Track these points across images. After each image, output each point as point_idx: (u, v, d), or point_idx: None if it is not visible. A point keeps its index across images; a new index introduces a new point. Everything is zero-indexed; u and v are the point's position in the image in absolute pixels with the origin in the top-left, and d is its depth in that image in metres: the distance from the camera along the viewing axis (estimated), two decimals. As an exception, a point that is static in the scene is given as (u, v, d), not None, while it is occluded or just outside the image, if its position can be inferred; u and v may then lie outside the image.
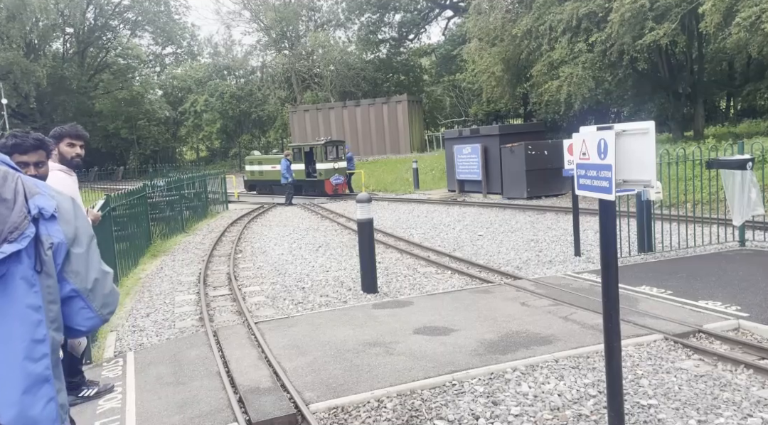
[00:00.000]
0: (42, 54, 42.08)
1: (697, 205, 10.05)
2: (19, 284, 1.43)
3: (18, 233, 1.42)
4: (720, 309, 5.27)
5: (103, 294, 1.59)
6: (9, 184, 1.46)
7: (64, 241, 1.52)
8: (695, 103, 21.52)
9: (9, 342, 1.42)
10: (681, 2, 16.40)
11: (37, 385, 1.47)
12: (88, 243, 1.58)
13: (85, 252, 1.56)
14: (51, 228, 1.49)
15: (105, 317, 1.61)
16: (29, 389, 1.45)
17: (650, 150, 2.88)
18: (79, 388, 4.24)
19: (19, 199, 1.45)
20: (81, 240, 1.56)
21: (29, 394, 1.45)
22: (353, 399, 3.95)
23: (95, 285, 1.56)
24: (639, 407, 3.66)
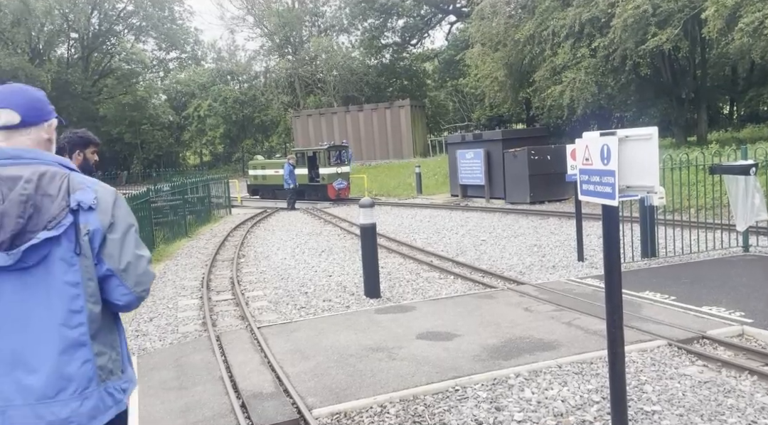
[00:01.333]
0: (47, 59, 42.30)
1: (701, 210, 10.04)
2: (59, 264, 1.71)
3: (55, 222, 1.70)
4: (724, 315, 5.26)
5: (137, 274, 1.82)
6: (56, 182, 1.76)
7: (100, 229, 1.77)
8: (698, 108, 21.51)
9: (49, 311, 1.70)
10: (684, 8, 16.42)
11: (73, 348, 1.72)
12: (124, 231, 1.82)
13: (120, 238, 1.80)
14: (89, 218, 1.75)
15: (139, 294, 1.84)
16: (65, 350, 1.71)
17: (653, 155, 2.88)
18: None
19: (61, 194, 1.74)
20: (117, 227, 1.81)
21: (65, 355, 1.71)
22: (356, 404, 3.95)
23: (128, 266, 1.80)
24: (643, 413, 3.64)
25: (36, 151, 1.84)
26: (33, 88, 1.95)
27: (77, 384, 1.73)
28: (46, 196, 1.72)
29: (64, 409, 1.71)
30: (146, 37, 49.39)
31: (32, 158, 1.81)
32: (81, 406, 1.73)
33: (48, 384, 1.69)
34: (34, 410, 1.68)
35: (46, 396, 1.69)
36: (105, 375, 1.79)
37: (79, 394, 1.73)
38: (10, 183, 1.72)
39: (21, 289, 1.70)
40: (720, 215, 8.85)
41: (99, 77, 46.58)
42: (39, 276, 1.71)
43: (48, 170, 1.78)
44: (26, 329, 1.69)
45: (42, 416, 1.68)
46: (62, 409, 1.70)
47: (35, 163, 1.79)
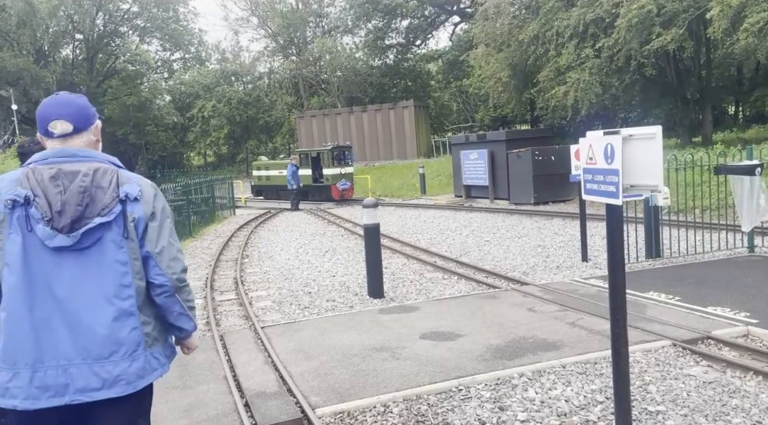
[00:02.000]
0: (52, 60, 42.48)
1: (706, 210, 10.00)
2: (110, 245, 2.02)
3: (107, 210, 2.01)
4: (729, 316, 5.24)
5: (169, 258, 2.12)
6: (107, 176, 2.06)
7: (143, 217, 2.08)
8: (703, 108, 21.43)
9: (103, 285, 2.00)
10: (688, 8, 16.36)
11: (124, 316, 2.02)
12: (161, 220, 2.13)
13: (158, 226, 2.11)
14: (134, 207, 2.06)
15: (170, 276, 2.11)
16: (118, 318, 2.01)
17: (657, 154, 2.87)
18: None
19: (112, 187, 2.05)
20: (156, 217, 2.12)
21: (118, 322, 2.01)
22: (359, 403, 3.95)
23: (162, 250, 2.10)
24: (647, 413, 3.63)
25: (89, 151, 2.15)
26: (78, 96, 2.23)
27: (127, 348, 2.02)
28: (99, 188, 2.03)
29: (116, 368, 1.99)
30: (150, 38, 49.55)
31: (87, 156, 2.12)
32: (130, 366, 2.02)
33: (102, 346, 1.98)
34: (91, 368, 1.97)
35: (101, 356, 1.98)
36: (150, 341, 2.10)
37: (129, 356, 2.02)
38: (70, 176, 2.03)
39: (79, 266, 2.00)
40: (725, 215, 8.80)
41: (104, 78, 46.74)
42: (93, 256, 2.01)
43: (101, 166, 2.09)
44: (84, 299, 1.99)
45: (97, 373, 1.97)
46: (114, 368, 1.99)
47: (90, 160, 2.10)
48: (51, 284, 1.97)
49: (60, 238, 1.96)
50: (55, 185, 2.00)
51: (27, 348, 1.96)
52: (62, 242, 1.97)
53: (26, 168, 2.07)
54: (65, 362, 1.96)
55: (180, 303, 2.16)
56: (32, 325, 1.96)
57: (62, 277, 1.98)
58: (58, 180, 2.02)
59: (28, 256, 1.97)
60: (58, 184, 2.01)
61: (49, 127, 2.11)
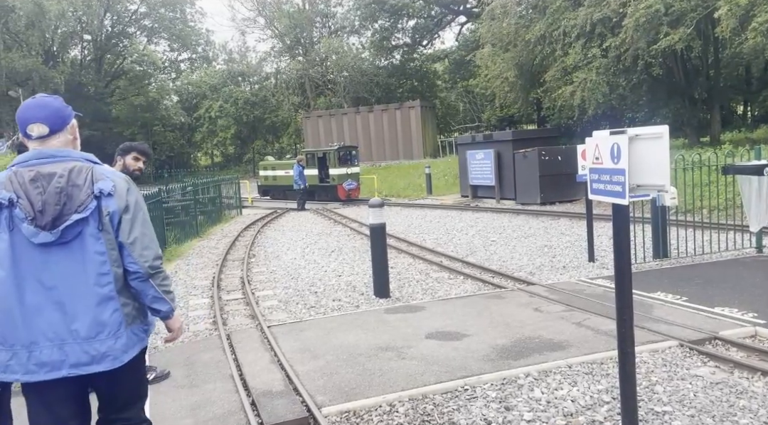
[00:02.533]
0: (60, 61, 42.77)
1: (713, 211, 9.93)
2: (89, 238, 2.24)
3: (83, 207, 2.22)
4: (736, 316, 5.21)
5: (141, 247, 2.31)
6: (82, 174, 2.26)
7: (117, 210, 2.28)
8: (711, 108, 21.31)
9: (85, 274, 2.24)
10: (696, 7, 16.27)
11: (104, 301, 2.26)
12: (134, 212, 2.32)
13: (131, 218, 2.31)
14: (108, 202, 2.27)
15: (142, 264, 2.32)
16: (99, 303, 2.26)
17: (664, 154, 2.86)
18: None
19: (86, 184, 2.25)
20: (129, 209, 2.31)
21: (100, 306, 2.26)
22: (365, 403, 3.96)
23: (134, 240, 2.30)
24: (653, 414, 3.62)
25: (66, 150, 2.33)
26: (53, 97, 2.38)
27: (110, 328, 2.28)
28: (75, 186, 2.24)
29: (102, 346, 2.27)
30: (158, 39, 49.79)
31: (64, 156, 2.30)
32: (115, 344, 2.29)
33: (89, 328, 2.25)
34: (82, 347, 2.24)
35: (89, 336, 2.25)
36: (131, 320, 2.35)
37: (113, 335, 2.29)
38: (48, 178, 2.23)
39: (64, 259, 2.23)
40: (733, 216, 8.76)
41: (112, 79, 47.02)
42: (75, 248, 2.24)
43: (76, 165, 2.28)
44: (70, 288, 2.23)
45: (87, 351, 2.25)
46: (101, 346, 2.27)
47: (66, 160, 2.29)
48: (39, 275, 2.22)
49: (43, 235, 2.19)
50: (35, 187, 2.21)
51: (21, 332, 2.21)
52: (46, 238, 2.19)
53: (9, 171, 2.26)
54: (59, 341, 2.22)
55: (154, 288, 2.37)
56: (23, 312, 2.21)
57: (49, 269, 2.22)
58: (38, 182, 2.22)
59: (16, 252, 2.20)
60: (38, 186, 2.21)
61: (27, 129, 2.30)
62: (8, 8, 36.78)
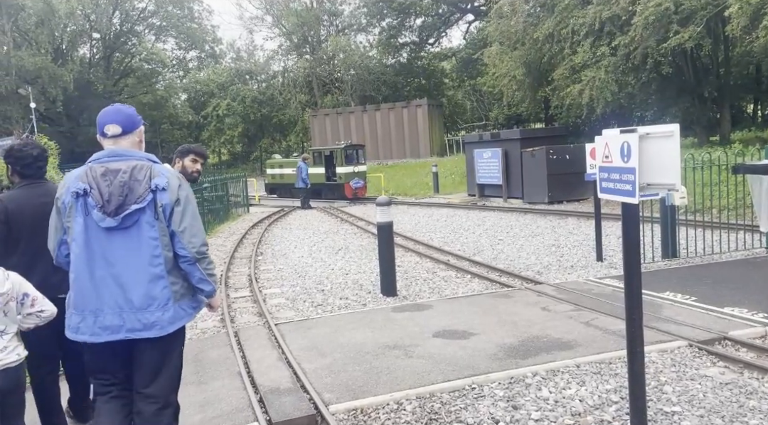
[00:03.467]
0: (69, 59, 42.98)
1: (723, 210, 9.86)
2: (145, 225, 2.66)
3: (141, 198, 2.64)
4: (746, 316, 5.17)
5: (190, 235, 2.72)
6: (142, 171, 2.69)
7: (169, 203, 2.69)
8: (721, 107, 21.13)
9: (141, 255, 2.65)
10: (706, 5, 16.13)
11: (155, 279, 2.67)
12: (184, 205, 2.73)
13: (182, 210, 2.71)
14: (162, 196, 2.68)
15: (190, 250, 2.71)
16: (151, 280, 2.67)
17: (675, 153, 2.85)
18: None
19: (145, 180, 2.66)
20: (180, 203, 2.71)
21: (152, 283, 2.67)
22: (372, 401, 3.96)
23: (184, 229, 2.70)
24: (662, 414, 3.60)
25: (132, 151, 2.77)
26: (127, 106, 2.86)
27: (159, 302, 2.67)
28: (136, 181, 2.66)
29: (152, 316, 2.66)
30: (166, 37, 49.96)
31: (130, 155, 2.74)
32: (163, 315, 2.68)
33: (142, 300, 2.65)
34: (135, 315, 2.64)
35: (141, 308, 2.65)
36: (178, 297, 2.73)
37: (161, 308, 2.68)
38: (114, 173, 2.66)
39: (124, 241, 2.65)
40: (743, 215, 8.69)
41: (120, 77, 47.23)
42: (133, 233, 2.65)
43: (138, 163, 2.71)
44: (128, 266, 2.65)
45: (140, 319, 2.64)
46: (151, 316, 2.66)
47: (131, 159, 2.72)
48: (105, 254, 2.65)
49: (108, 220, 2.62)
50: (104, 180, 2.64)
51: (91, 300, 2.65)
52: (110, 223, 2.63)
53: (86, 166, 2.72)
54: (119, 309, 2.63)
55: (200, 271, 2.76)
56: (93, 283, 2.64)
57: (112, 249, 2.64)
58: (107, 176, 2.65)
59: (88, 233, 2.64)
60: (107, 179, 2.65)
61: (104, 129, 2.76)
62: (18, 7, 37.01)
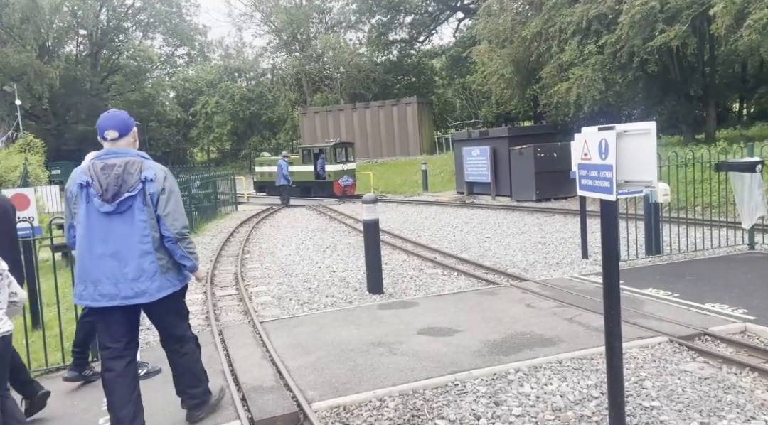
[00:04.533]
0: (55, 56, 42.54)
1: (707, 207, 9.97)
2: (136, 210, 3.25)
3: (132, 188, 3.22)
4: (727, 312, 5.24)
5: (173, 219, 3.30)
6: (134, 166, 3.29)
7: (156, 192, 3.27)
8: (707, 105, 21.32)
9: (132, 235, 3.23)
10: (692, 4, 16.26)
11: (145, 255, 3.26)
12: (168, 194, 3.31)
13: (166, 198, 3.30)
14: (150, 186, 3.26)
15: (172, 231, 3.30)
16: (141, 256, 3.25)
17: (651, 150, 2.88)
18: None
19: (136, 173, 3.26)
20: (165, 191, 3.30)
21: (142, 258, 3.25)
22: (355, 398, 3.97)
23: (168, 214, 3.29)
24: (641, 409, 3.64)
25: (127, 149, 3.39)
26: (121, 111, 3.52)
27: (148, 273, 3.26)
28: (128, 174, 3.25)
29: (142, 285, 3.25)
30: (154, 33, 49.59)
31: (124, 153, 3.36)
32: (151, 285, 3.27)
33: (135, 272, 3.24)
34: (129, 285, 3.23)
35: (134, 278, 3.24)
36: (165, 270, 3.33)
37: (150, 278, 3.27)
38: (111, 168, 3.26)
39: (119, 224, 3.24)
40: (726, 213, 8.79)
41: (107, 74, 46.83)
42: (127, 217, 3.24)
43: (131, 159, 3.31)
44: (123, 243, 3.24)
45: (132, 288, 3.23)
46: (141, 285, 3.25)
47: (125, 156, 3.33)
48: (103, 234, 3.22)
49: (106, 206, 3.21)
50: (103, 173, 3.24)
51: (91, 272, 3.24)
52: (108, 209, 3.21)
53: (90, 162, 3.34)
54: (115, 280, 3.21)
55: (181, 248, 3.35)
56: (93, 258, 3.23)
57: (110, 230, 3.23)
58: (105, 170, 3.25)
59: (90, 217, 3.24)
60: (105, 173, 3.24)
61: (105, 134, 3.37)
62: (2, 3, 36.59)
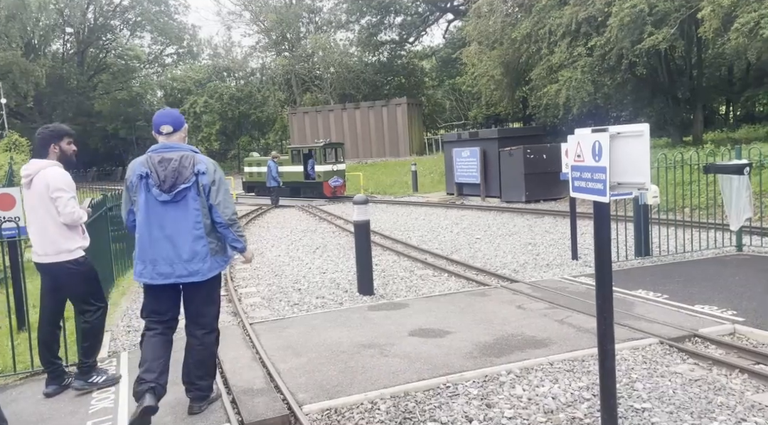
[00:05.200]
0: (41, 54, 42.08)
1: (695, 209, 10.05)
2: (190, 199, 3.63)
3: (187, 180, 3.61)
4: (716, 314, 5.27)
5: (224, 206, 3.70)
6: (188, 159, 3.66)
7: (208, 183, 3.66)
8: (694, 108, 21.53)
9: (187, 222, 3.63)
10: (680, 7, 16.42)
11: (197, 239, 3.66)
12: (219, 185, 3.70)
13: (217, 188, 3.69)
14: (203, 178, 3.65)
15: (223, 218, 3.71)
16: (194, 240, 3.65)
17: (645, 152, 2.88)
18: (89, 373, 4.41)
19: (190, 166, 3.64)
20: (216, 183, 3.69)
21: (195, 242, 3.65)
22: (347, 400, 3.94)
23: (219, 202, 3.69)
24: (633, 410, 3.64)
25: (180, 144, 3.76)
26: (174, 110, 3.96)
27: (200, 256, 3.67)
28: (183, 167, 3.64)
29: (195, 266, 3.66)
30: (142, 32, 49.20)
31: (178, 147, 3.73)
32: (203, 266, 3.68)
33: (188, 254, 3.65)
34: (184, 265, 3.64)
35: (188, 260, 3.65)
36: (214, 253, 3.73)
37: (201, 260, 3.67)
38: (168, 161, 3.65)
39: (174, 211, 3.64)
40: (714, 215, 8.86)
41: (94, 73, 46.40)
42: (181, 206, 3.64)
43: (185, 154, 3.69)
44: (178, 228, 3.64)
45: (186, 268, 3.64)
46: (194, 266, 3.66)
47: (179, 150, 3.70)
48: (160, 220, 3.63)
49: (164, 196, 3.60)
50: (161, 166, 3.63)
51: (149, 253, 3.65)
52: (165, 198, 3.61)
53: (146, 155, 3.70)
54: (170, 261, 3.62)
55: (232, 233, 3.75)
56: (150, 241, 3.64)
57: (166, 217, 3.63)
58: (162, 163, 3.64)
59: (148, 205, 3.63)
60: (162, 165, 3.63)
61: (160, 128, 3.74)
62: (-12, 0, 36.14)
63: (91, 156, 47.83)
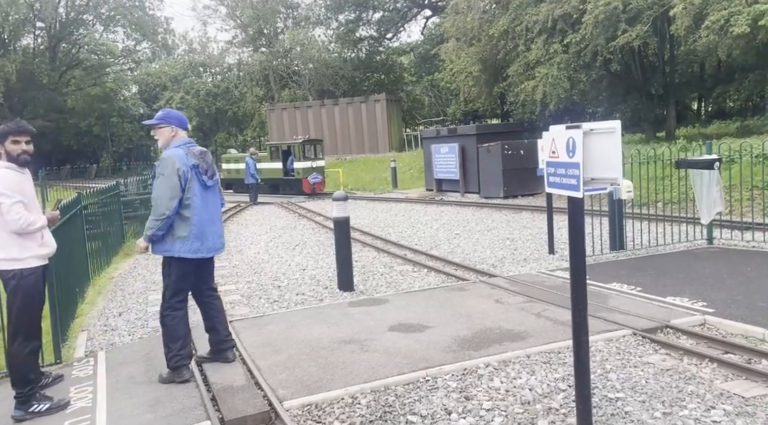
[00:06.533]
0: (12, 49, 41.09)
1: (667, 204, 10.27)
2: (218, 185, 4.60)
3: (216, 173, 4.57)
4: (687, 305, 5.41)
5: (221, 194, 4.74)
6: (209, 155, 4.56)
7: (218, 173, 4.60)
8: (667, 104, 21.94)
9: (218, 203, 4.62)
10: (653, 5, 16.71)
11: (221, 217, 4.69)
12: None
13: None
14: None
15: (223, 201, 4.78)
16: (220, 218, 4.66)
17: (617, 148, 2.95)
18: (28, 402, 3.96)
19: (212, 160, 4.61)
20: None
21: (221, 220, 4.68)
22: (327, 396, 3.97)
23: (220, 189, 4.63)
24: (607, 400, 3.74)
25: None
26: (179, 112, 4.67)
27: (222, 230, 4.62)
28: (211, 158, 4.53)
29: (222, 239, 4.61)
30: (115, 27, 48.31)
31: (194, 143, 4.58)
32: (223, 239, 4.65)
33: (220, 230, 4.59)
34: (219, 240, 4.55)
35: (220, 235, 4.58)
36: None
37: (222, 235, 4.63)
38: (204, 154, 4.46)
39: (212, 195, 4.48)
40: (686, 209, 9.07)
41: (66, 68, 45.43)
42: (215, 190, 4.53)
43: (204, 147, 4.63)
44: (216, 209, 4.52)
45: (221, 242, 4.58)
46: (222, 239, 4.61)
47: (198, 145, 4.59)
48: (208, 203, 4.41)
49: (210, 182, 4.42)
50: (202, 158, 4.39)
51: (204, 231, 4.37)
52: (211, 183, 4.44)
53: (184, 148, 4.34)
54: (218, 237, 4.50)
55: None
56: (207, 221, 4.39)
57: (209, 200, 4.43)
58: (203, 155, 4.41)
59: (201, 191, 4.35)
60: (203, 157, 4.40)
61: (187, 125, 4.49)
62: (-45, -7, 35.15)
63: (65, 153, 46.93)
